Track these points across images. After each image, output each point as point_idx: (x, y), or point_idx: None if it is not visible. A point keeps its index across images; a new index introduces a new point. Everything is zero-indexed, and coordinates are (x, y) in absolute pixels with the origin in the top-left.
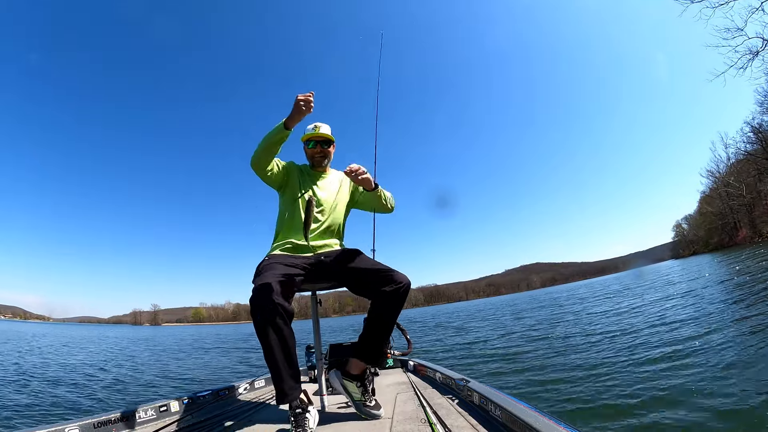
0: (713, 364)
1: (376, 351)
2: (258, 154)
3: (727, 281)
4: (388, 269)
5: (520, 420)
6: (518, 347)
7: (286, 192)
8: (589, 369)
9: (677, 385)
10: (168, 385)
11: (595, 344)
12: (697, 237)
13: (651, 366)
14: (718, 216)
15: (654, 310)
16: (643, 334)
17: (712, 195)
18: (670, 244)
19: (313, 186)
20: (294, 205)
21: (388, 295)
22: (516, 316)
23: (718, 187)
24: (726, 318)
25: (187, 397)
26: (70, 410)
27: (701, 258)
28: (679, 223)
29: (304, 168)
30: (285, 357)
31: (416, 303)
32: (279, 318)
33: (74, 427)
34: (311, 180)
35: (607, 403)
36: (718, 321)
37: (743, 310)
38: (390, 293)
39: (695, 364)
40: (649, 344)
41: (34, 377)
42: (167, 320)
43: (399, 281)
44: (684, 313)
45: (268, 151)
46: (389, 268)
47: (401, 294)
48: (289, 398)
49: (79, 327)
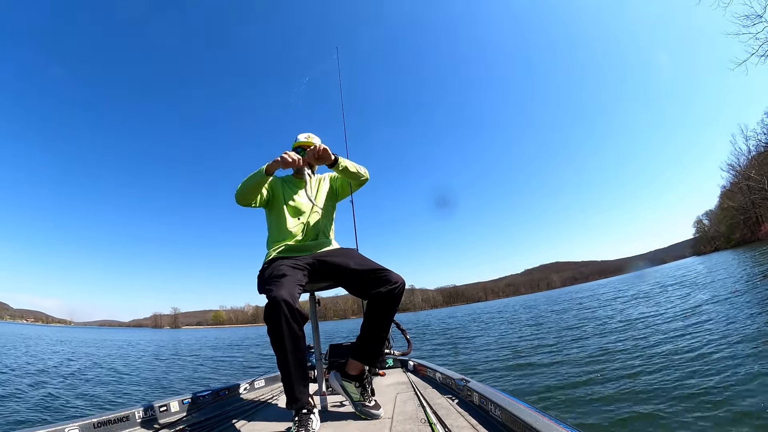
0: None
1: (374, 351)
2: (242, 194)
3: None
4: (383, 269)
5: (520, 420)
6: (526, 350)
7: (273, 205)
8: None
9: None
10: (168, 385)
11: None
12: (719, 233)
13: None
14: (739, 211)
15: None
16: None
17: (733, 189)
18: (691, 241)
19: (297, 192)
20: (281, 213)
21: (384, 295)
22: (517, 320)
23: (739, 181)
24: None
25: (187, 397)
26: (70, 410)
27: (723, 255)
28: (699, 219)
29: (287, 178)
30: (298, 362)
31: (435, 304)
32: (295, 324)
33: (74, 427)
34: (296, 187)
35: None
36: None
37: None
38: (385, 294)
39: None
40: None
41: (39, 377)
42: (187, 323)
43: (394, 282)
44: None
45: (251, 191)
46: (384, 268)
47: (396, 294)
48: (300, 402)
49: (99, 330)
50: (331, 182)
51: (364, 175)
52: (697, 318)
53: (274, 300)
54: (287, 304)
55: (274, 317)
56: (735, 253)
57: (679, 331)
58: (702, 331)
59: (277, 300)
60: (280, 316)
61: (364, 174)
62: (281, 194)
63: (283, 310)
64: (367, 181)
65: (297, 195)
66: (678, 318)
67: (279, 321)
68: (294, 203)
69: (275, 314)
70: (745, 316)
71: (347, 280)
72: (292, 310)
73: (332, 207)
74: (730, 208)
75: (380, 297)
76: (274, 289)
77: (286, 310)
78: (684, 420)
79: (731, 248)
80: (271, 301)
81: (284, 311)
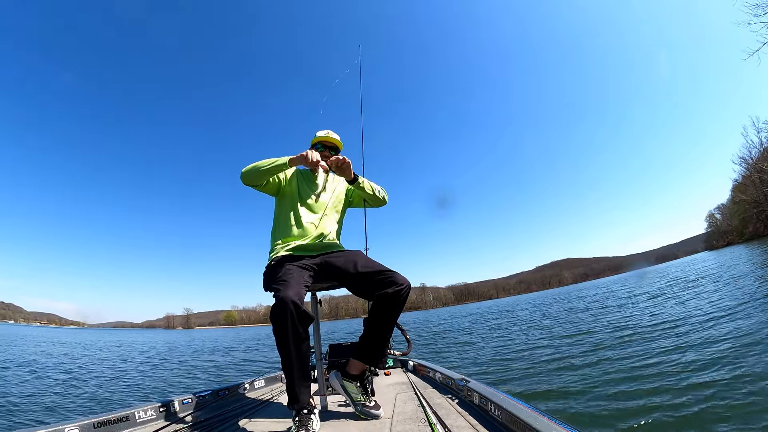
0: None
1: (377, 352)
2: (253, 173)
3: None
4: (389, 271)
5: (520, 420)
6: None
7: (285, 196)
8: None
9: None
10: (169, 386)
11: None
12: (731, 227)
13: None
14: (752, 204)
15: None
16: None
17: (745, 182)
18: (703, 236)
19: (313, 189)
20: (294, 208)
21: (390, 297)
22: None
23: (752, 174)
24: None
25: (187, 397)
26: (69, 410)
27: (736, 249)
28: (711, 213)
29: (306, 173)
30: (301, 363)
31: (446, 302)
32: (301, 325)
33: (74, 427)
34: (313, 183)
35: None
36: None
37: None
38: (391, 295)
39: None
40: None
41: (39, 378)
42: (200, 323)
43: (400, 283)
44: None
45: (264, 174)
46: (390, 269)
47: (402, 296)
48: (301, 403)
49: (112, 332)
50: (348, 190)
51: (381, 200)
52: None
53: (282, 300)
54: (295, 305)
55: (281, 317)
56: (748, 247)
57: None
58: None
59: (285, 300)
60: (287, 317)
61: (382, 198)
62: (296, 188)
63: (290, 311)
64: (385, 204)
65: (312, 193)
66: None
67: (285, 321)
68: (308, 201)
69: (282, 314)
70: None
71: (352, 281)
72: (299, 311)
73: (343, 210)
74: (742, 201)
75: (386, 298)
76: (282, 289)
77: (293, 311)
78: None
79: (744, 242)
80: (278, 302)
81: (291, 312)
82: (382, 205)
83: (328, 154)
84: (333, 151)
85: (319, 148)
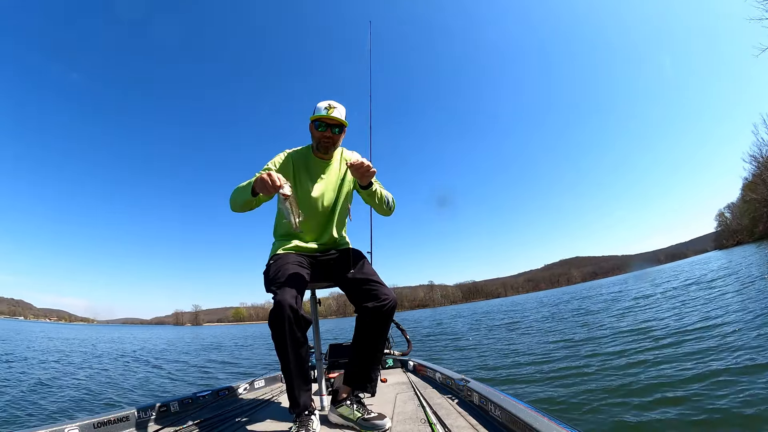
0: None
1: (363, 375)
2: (237, 208)
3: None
4: (375, 282)
5: (520, 420)
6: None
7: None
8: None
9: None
10: (170, 385)
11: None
12: (741, 226)
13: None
14: (762, 203)
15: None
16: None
17: (756, 181)
18: (713, 235)
19: (312, 179)
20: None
21: (370, 311)
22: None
23: (762, 172)
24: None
25: (187, 397)
26: (70, 410)
27: (747, 248)
28: (721, 212)
29: (306, 155)
30: (300, 367)
31: (454, 300)
32: (299, 330)
33: (74, 427)
34: (312, 171)
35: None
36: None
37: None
38: (371, 310)
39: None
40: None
41: (43, 377)
42: (208, 320)
43: (382, 298)
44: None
45: (245, 208)
46: (377, 281)
47: (384, 312)
48: (302, 407)
49: (121, 328)
50: (353, 185)
51: (387, 211)
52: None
53: (280, 305)
54: (292, 309)
55: (278, 323)
56: (758, 246)
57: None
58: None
59: (283, 305)
60: (284, 322)
61: (389, 209)
62: (293, 180)
63: (287, 315)
64: (389, 215)
65: (315, 180)
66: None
67: (283, 327)
68: (306, 198)
69: (280, 320)
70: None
71: (344, 285)
72: (297, 316)
73: (347, 207)
74: (752, 200)
75: (367, 312)
76: (280, 293)
77: (291, 316)
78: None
79: (754, 241)
80: (276, 306)
81: (289, 316)
82: (385, 216)
83: (330, 135)
84: (336, 129)
85: (320, 128)
